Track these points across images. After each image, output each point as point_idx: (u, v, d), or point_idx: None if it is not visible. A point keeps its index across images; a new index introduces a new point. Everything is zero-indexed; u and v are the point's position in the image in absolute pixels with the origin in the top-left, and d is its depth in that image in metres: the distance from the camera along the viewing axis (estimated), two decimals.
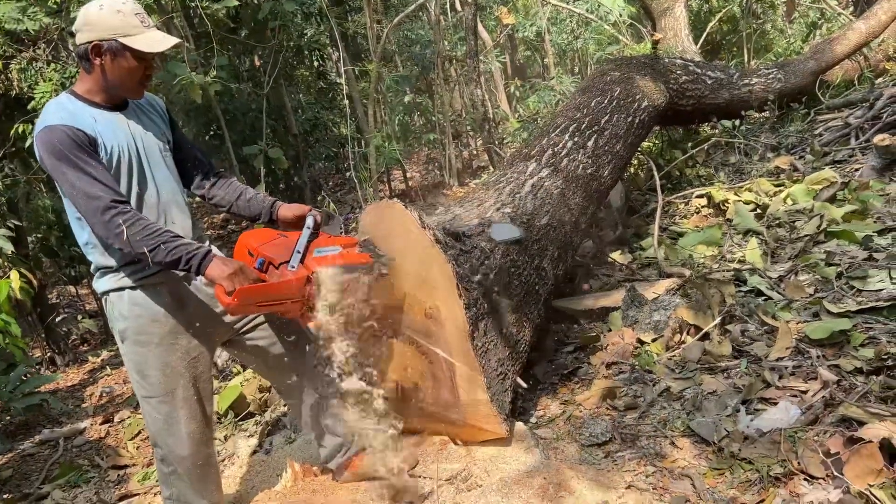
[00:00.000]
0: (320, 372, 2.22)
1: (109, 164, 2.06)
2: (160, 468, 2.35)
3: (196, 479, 2.33)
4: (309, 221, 2.22)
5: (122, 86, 2.11)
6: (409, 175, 9.56)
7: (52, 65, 4.72)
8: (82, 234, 2.12)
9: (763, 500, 2.08)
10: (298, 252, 2.09)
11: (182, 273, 2.15)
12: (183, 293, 2.23)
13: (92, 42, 2.02)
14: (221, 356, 4.33)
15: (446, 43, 9.31)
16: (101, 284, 2.19)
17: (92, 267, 2.21)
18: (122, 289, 2.15)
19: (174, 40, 2.10)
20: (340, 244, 2.18)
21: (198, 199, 2.51)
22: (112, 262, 2.13)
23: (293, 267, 2.05)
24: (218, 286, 1.98)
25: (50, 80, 4.61)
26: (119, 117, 2.15)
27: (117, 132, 2.11)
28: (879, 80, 7.06)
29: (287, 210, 2.40)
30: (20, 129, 4.70)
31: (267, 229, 2.30)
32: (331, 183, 10.92)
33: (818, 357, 2.73)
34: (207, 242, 2.33)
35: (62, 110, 2.02)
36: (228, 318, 2.32)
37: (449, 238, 2.58)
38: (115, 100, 2.16)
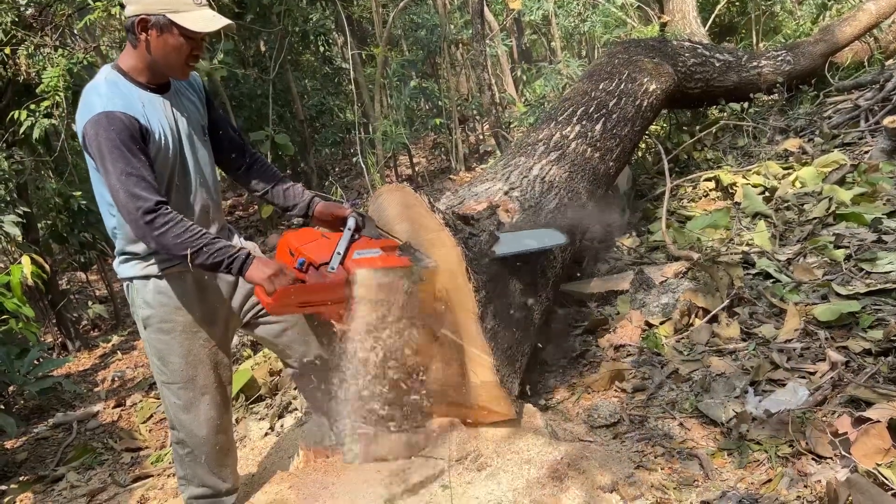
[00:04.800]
0: (344, 368, 2.23)
1: (154, 154, 2.03)
2: (176, 450, 2.37)
3: (213, 463, 2.35)
4: (350, 223, 2.17)
5: (167, 64, 2.04)
6: (415, 160, 9.55)
7: (60, 50, 4.73)
8: (110, 220, 2.11)
9: (771, 480, 2.10)
10: (339, 254, 2.07)
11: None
12: (205, 282, 2.24)
13: (139, 15, 1.95)
14: (232, 340, 4.36)
15: (452, 27, 9.26)
16: (125, 270, 2.18)
17: (116, 251, 2.20)
18: (147, 277, 2.15)
19: (225, 21, 2.02)
20: (380, 247, 2.16)
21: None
22: (139, 250, 2.12)
23: (333, 269, 2.04)
24: (258, 287, 1.99)
25: (57, 65, 4.61)
26: (163, 102, 2.09)
27: (161, 120, 2.06)
28: (890, 61, 7.00)
29: (324, 208, 2.35)
30: (23, 115, 4.71)
31: (309, 229, 2.29)
32: (337, 169, 10.91)
33: (826, 339, 2.74)
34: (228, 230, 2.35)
35: (116, 95, 1.96)
36: (236, 305, 2.33)
37: (458, 221, 2.59)
38: (159, 79, 2.09)
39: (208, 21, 1.99)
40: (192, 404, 2.26)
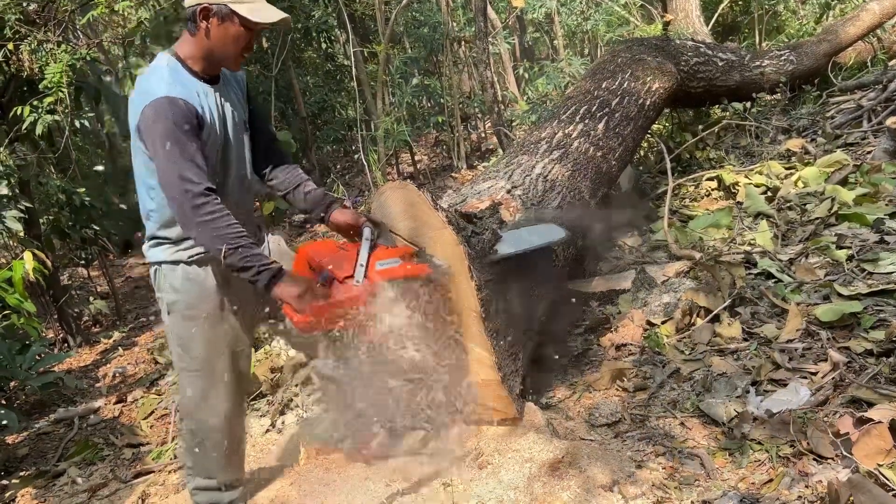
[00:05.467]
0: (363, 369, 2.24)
1: (209, 139, 2.07)
2: (187, 440, 2.36)
3: (222, 455, 2.34)
4: (367, 233, 2.18)
5: (224, 54, 2.08)
6: (417, 158, 9.54)
7: (63, 46, 4.72)
8: (148, 203, 2.11)
9: (772, 480, 2.10)
10: (362, 266, 2.08)
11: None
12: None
13: (202, 4, 1.99)
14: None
15: (455, 24, 9.25)
16: (154, 254, 2.19)
17: (147, 235, 2.21)
18: (176, 262, 2.15)
19: (282, 14, 2.06)
20: (398, 255, 2.18)
21: None
22: (171, 235, 2.13)
23: (359, 282, 2.05)
24: (287, 306, 2.01)
25: (60, 61, 4.61)
26: (214, 94, 2.13)
27: (213, 111, 2.09)
28: (893, 61, 7.00)
29: (340, 215, 2.36)
30: (26, 111, 4.71)
31: (327, 241, 2.35)
32: (339, 166, 10.90)
33: (828, 339, 2.74)
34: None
35: (178, 81, 2.01)
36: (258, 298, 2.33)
37: (461, 219, 2.59)
38: (213, 69, 2.13)
39: (267, 13, 2.04)
40: (208, 393, 2.25)
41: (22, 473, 3.49)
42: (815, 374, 2.57)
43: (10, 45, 4.66)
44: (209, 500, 2.39)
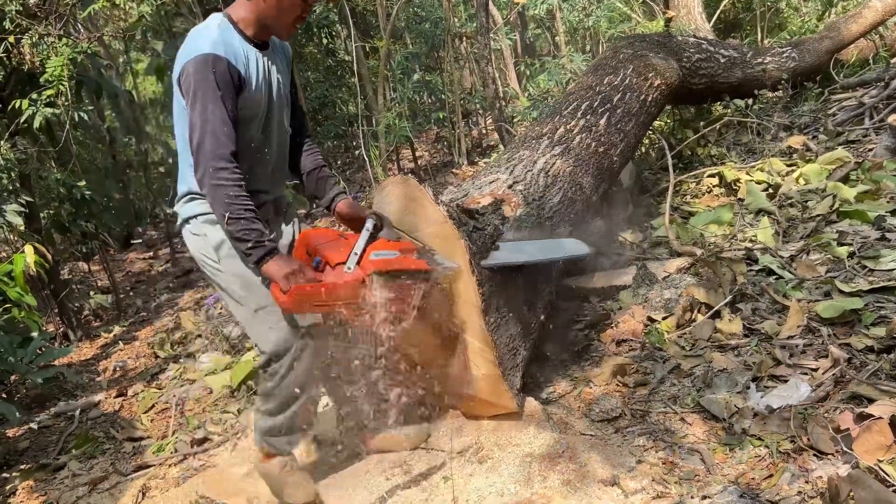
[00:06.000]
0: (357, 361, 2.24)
1: (247, 110, 2.09)
2: (266, 386, 2.30)
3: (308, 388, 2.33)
4: (368, 224, 2.19)
5: (278, 20, 2.11)
6: (418, 154, 9.53)
7: (64, 39, 4.72)
8: (188, 157, 2.10)
9: (772, 475, 2.10)
10: (356, 254, 2.09)
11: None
12: (273, 228, 2.34)
13: None
14: (234, 332, 4.37)
15: (456, 20, 9.23)
16: (189, 209, 2.20)
17: (182, 192, 2.22)
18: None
19: None
20: (398, 249, 2.18)
21: None
22: None
23: (349, 269, 2.06)
24: (274, 284, 2.03)
25: (61, 55, 4.60)
26: (264, 59, 2.15)
27: (259, 76, 2.12)
28: (895, 59, 6.98)
29: (345, 206, 2.39)
30: (25, 104, 4.71)
31: (328, 229, 2.34)
32: (339, 161, 10.90)
33: (829, 335, 2.74)
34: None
35: (224, 42, 2.03)
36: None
37: (462, 214, 2.59)
38: (264, 35, 2.16)
39: None
40: (280, 322, 2.23)
41: (22, 467, 3.50)
42: (815, 370, 2.57)
43: (12, 39, 4.65)
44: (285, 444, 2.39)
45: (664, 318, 3.27)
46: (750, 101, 6.25)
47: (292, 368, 2.25)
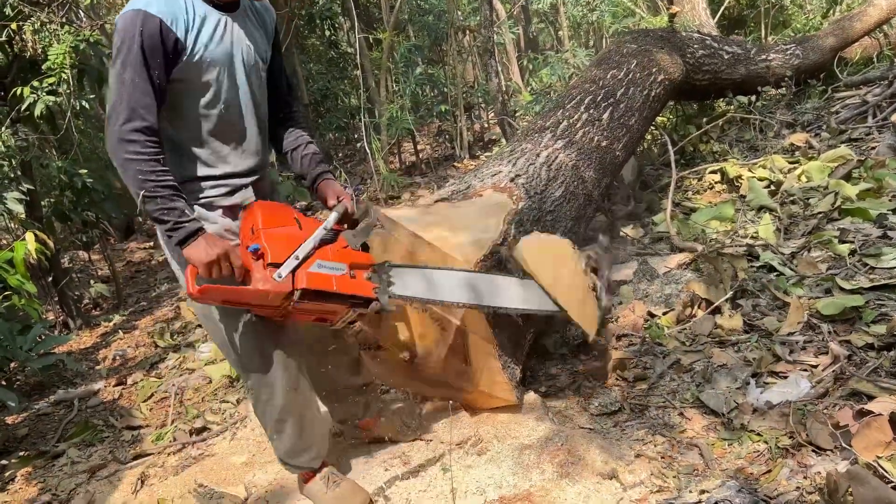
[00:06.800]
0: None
1: (192, 82, 1.88)
2: (254, 406, 2.21)
3: (298, 397, 2.18)
4: (331, 217, 1.95)
5: None
6: (419, 147, 9.52)
7: (66, 27, 4.71)
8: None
9: (770, 471, 2.11)
10: (296, 259, 1.83)
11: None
12: None
13: None
14: None
15: (459, 13, 9.20)
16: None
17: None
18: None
19: None
20: (349, 262, 1.93)
21: None
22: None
23: (280, 277, 1.81)
24: (191, 267, 1.82)
25: (64, 42, 4.59)
26: (226, 22, 1.92)
27: (214, 41, 1.88)
28: None
29: (326, 187, 2.17)
30: (26, 92, 4.70)
31: (284, 207, 2.03)
32: (341, 154, 10.89)
33: (829, 332, 2.74)
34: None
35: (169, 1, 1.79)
36: None
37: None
38: None
39: None
40: (249, 343, 2.07)
41: (21, 453, 3.50)
42: (815, 366, 2.57)
43: (14, 25, 4.64)
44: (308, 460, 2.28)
45: (664, 314, 3.26)
46: (753, 98, 6.24)
47: (267, 380, 2.10)
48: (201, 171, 1.98)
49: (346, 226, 2.06)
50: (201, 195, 2.00)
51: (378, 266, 2.05)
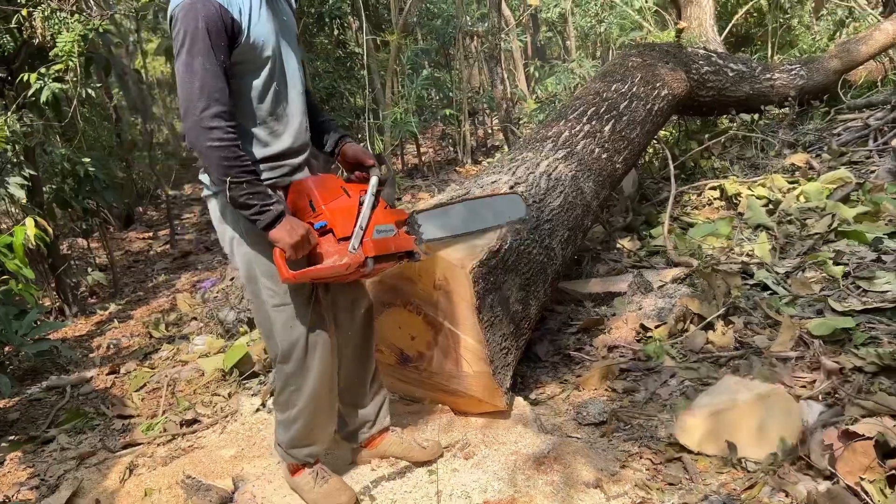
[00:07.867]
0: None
1: (250, 61, 1.90)
2: (279, 392, 2.20)
3: (323, 393, 2.19)
4: (373, 182, 2.05)
5: None
6: (422, 150, 9.55)
7: (76, 15, 4.73)
8: None
9: (753, 486, 2.12)
10: (361, 229, 1.97)
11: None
12: None
13: None
14: (228, 316, 4.39)
15: (468, 18, 9.24)
16: None
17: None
18: None
19: None
20: (394, 221, 2.09)
21: None
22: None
23: (354, 249, 1.94)
24: (280, 252, 1.90)
25: (73, 30, 4.61)
26: (270, 3, 1.95)
27: (263, 19, 1.91)
28: None
29: (351, 149, 2.22)
30: (33, 78, 4.72)
31: (331, 178, 2.11)
32: None
33: (821, 351, 2.75)
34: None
35: None
36: None
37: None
38: None
39: None
40: (294, 320, 2.09)
41: (12, 437, 3.51)
42: (812, 382, 2.59)
43: (24, 11, 4.66)
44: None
45: (657, 327, 3.29)
46: (756, 116, 6.26)
47: (302, 370, 2.11)
48: (259, 151, 1.99)
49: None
50: (263, 177, 1.99)
51: (410, 218, 2.20)
